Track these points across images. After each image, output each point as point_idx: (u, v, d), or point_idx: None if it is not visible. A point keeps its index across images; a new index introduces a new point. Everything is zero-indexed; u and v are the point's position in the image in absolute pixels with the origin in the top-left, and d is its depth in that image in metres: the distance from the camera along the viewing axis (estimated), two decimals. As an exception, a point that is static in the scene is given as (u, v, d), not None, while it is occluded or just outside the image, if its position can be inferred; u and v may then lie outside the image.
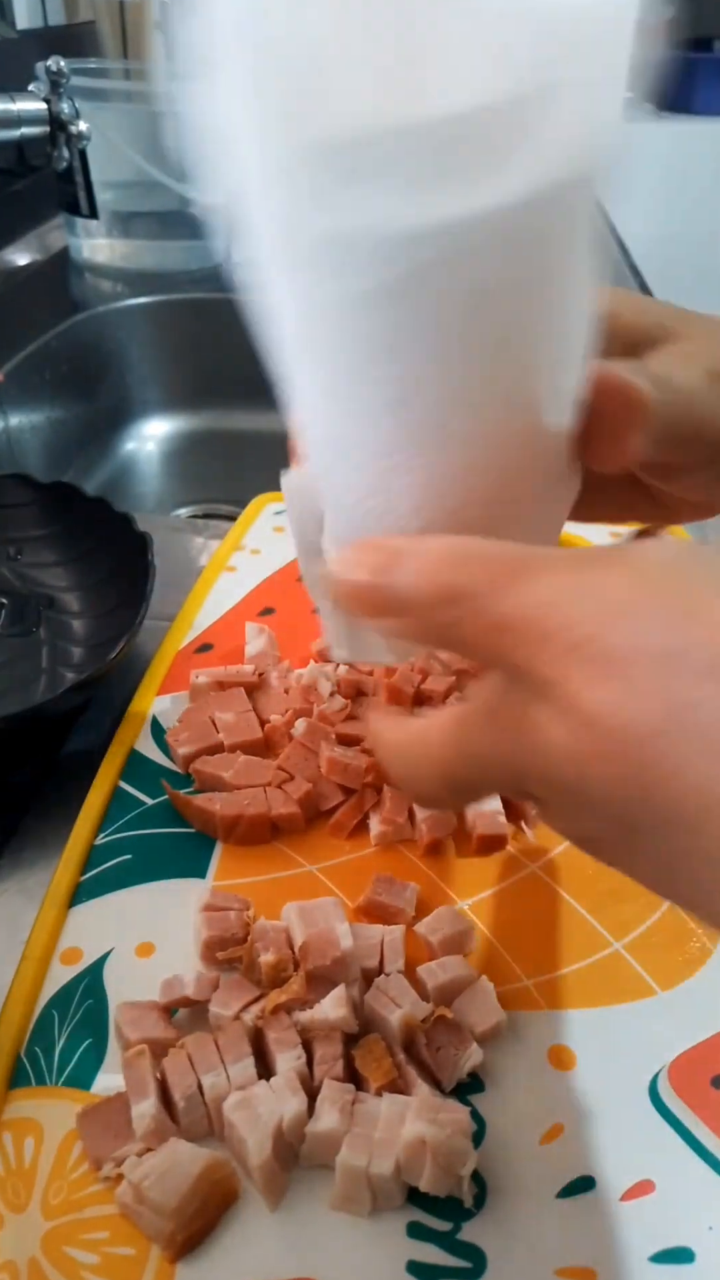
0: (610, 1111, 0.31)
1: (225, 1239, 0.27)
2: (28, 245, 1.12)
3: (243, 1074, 0.30)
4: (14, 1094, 0.30)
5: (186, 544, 0.61)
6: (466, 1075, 0.31)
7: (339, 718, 0.44)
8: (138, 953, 0.35)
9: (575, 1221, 0.28)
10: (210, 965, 0.34)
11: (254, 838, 0.39)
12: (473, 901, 0.37)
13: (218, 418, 1.05)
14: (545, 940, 0.36)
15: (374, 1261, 0.27)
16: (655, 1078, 0.32)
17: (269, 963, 0.32)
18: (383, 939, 0.34)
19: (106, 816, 0.40)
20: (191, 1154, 0.28)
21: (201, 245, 1.08)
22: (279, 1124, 0.28)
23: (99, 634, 0.51)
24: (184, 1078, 0.30)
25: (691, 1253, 0.28)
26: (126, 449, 1.01)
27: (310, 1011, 0.31)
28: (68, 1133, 0.29)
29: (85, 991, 0.33)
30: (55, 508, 0.56)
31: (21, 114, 0.78)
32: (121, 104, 1.00)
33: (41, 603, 0.54)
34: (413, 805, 0.40)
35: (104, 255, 1.06)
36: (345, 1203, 0.28)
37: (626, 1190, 0.29)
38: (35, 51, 1.14)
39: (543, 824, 0.41)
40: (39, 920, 0.35)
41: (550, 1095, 0.31)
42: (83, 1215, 0.28)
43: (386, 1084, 0.30)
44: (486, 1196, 0.29)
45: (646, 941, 0.36)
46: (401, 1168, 0.28)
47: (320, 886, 0.38)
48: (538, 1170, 0.29)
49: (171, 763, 0.43)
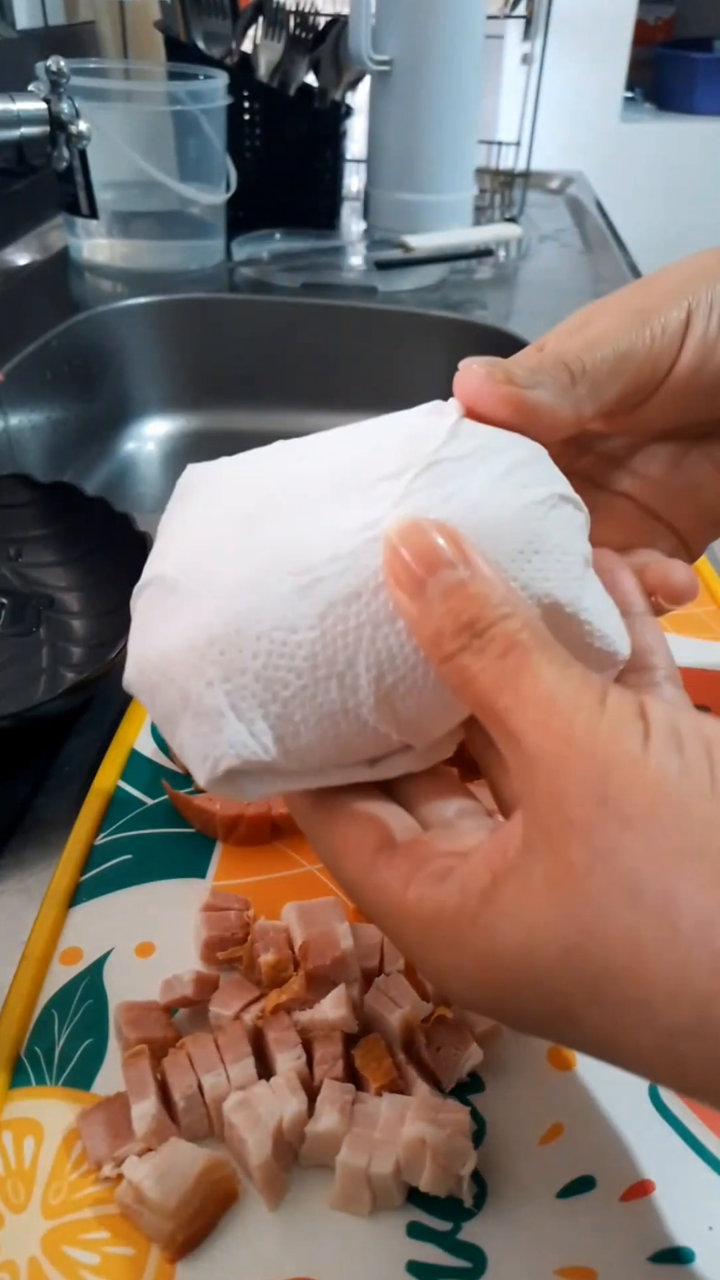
0: (610, 1111, 0.31)
1: (225, 1239, 0.27)
2: (27, 245, 1.12)
3: (243, 1074, 0.30)
4: (14, 1094, 0.30)
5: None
6: (466, 1075, 0.31)
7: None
8: (138, 953, 0.35)
9: (575, 1221, 0.28)
10: (210, 965, 0.34)
11: (254, 838, 0.39)
12: (473, 901, 0.37)
13: (218, 418, 1.05)
14: (545, 940, 0.36)
15: (374, 1261, 0.27)
16: (655, 1078, 0.32)
17: (269, 963, 0.32)
18: (383, 939, 0.34)
19: (106, 816, 0.40)
20: (191, 1154, 0.28)
21: (201, 245, 1.08)
22: (279, 1124, 0.28)
23: (99, 634, 0.51)
24: (184, 1078, 0.30)
25: (692, 1253, 0.28)
26: (126, 449, 1.01)
27: (310, 1011, 0.31)
28: (68, 1133, 0.29)
29: (85, 991, 0.33)
30: (55, 507, 0.56)
31: (21, 114, 0.78)
32: (121, 104, 1.01)
33: (41, 602, 0.54)
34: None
35: (104, 255, 1.06)
36: (345, 1203, 0.28)
37: (626, 1190, 0.29)
38: (35, 51, 1.14)
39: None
40: (39, 920, 0.35)
41: (550, 1095, 0.31)
42: (83, 1215, 0.28)
43: (386, 1084, 0.30)
44: (486, 1196, 0.29)
45: (646, 941, 0.36)
46: (401, 1168, 0.28)
47: (320, 886, 0.38)
48: (538, 1170, 0.29)
49: (171, 763, 0.43)
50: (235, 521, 0.24)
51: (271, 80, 1.11)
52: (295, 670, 0.22)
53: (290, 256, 1.09)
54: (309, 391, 1.04)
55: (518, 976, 0.20)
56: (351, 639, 0.22)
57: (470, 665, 0.20)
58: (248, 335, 1.03)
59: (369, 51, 1.03)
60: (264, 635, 0.22)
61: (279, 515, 0.23)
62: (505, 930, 0.20)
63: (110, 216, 1.03)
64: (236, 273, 1.07)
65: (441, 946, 0.21)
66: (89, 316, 0.96)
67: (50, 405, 0.89)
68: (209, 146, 1.03)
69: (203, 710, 0.23)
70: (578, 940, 0.18)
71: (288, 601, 0.22)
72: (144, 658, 0.24)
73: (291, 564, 0.22)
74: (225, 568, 0.23)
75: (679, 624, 0.54)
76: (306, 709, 0.23)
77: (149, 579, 0.25)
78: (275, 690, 0.23)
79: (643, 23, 2.44)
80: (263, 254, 1.09)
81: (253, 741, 0.23)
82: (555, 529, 0.24)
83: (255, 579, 0.23)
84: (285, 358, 1.03)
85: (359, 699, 0.22)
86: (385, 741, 0.23)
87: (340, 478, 0.24)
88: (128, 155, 0.97)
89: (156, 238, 1.06)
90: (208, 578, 0.23)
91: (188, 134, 1.02)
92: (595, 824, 0.18)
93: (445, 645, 0.21)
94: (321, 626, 0.22)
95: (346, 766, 0.24)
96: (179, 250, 1.06)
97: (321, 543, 0.23)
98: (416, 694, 0.23)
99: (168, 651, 0.24)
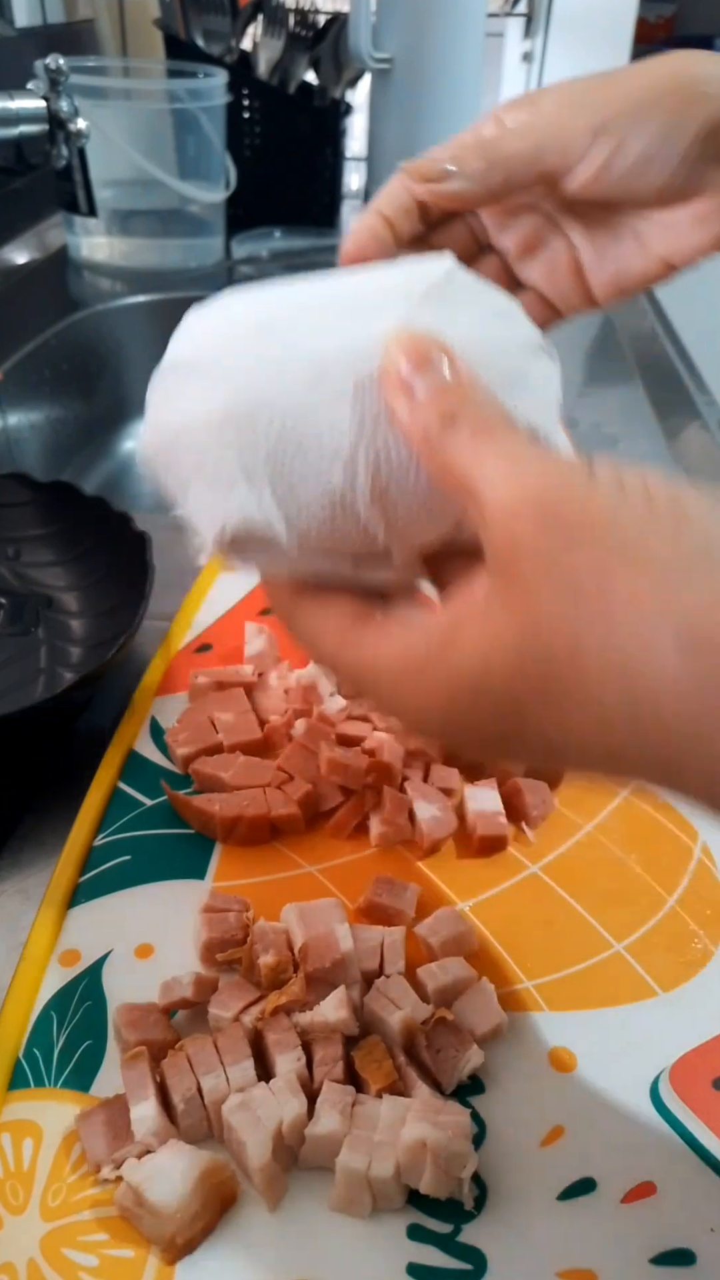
0: (611, 1113, 0.31)
1: (224, 1241, 0.27)
2: (26, 243, 1.11)
3: (242, 1076, 0.30)
4: (13, 1095, 0.30)
5: (185, 544, 0.61)
6: (467, 1077, 0.31)
7: (339, 718, 0.43)
8: (137, 954, 0.35)
9: (576, 1223, 0.28)
10: (210, 967, 0.34)
11: (253, 839, 0.39)
12: (473, 903, 0.37)
13: (217, 416, 1.05)
14: (546, 942, 0.36)
15: (374, 1264, 0.27)
16: (656, 1079, 0.32)
17: (269, 964, 0.32)
18: (383, 940, 0.34)
19: (105, 817, 0.40)
20: (191, 1156, 0.28)
21: (201, 243, 1.08)
22: (279, 1126, 0.28)
23: (98, 634, 0.51)
24: (183, 1079, 0.29)
25: (692, 1254, 0.28)
26: (125, 448, 1.01)
27: (310, 1013, 0.31)
28: (67, 1134, 0.29)
29: (84, 993, 0.33)
30: (54, 507, 0.56)
31: (20, 112, 0.77)
32: (121, 102, 1.00)
33: (40, 602, 0.54)
34: (413, 806, 0.40)
35: (103, 253, 1.06)
36: (345, 1205, 0.28)
37: (627, 1192, 0.29)
38: (34, 49, 1.13)
39: (542, 826, 0.41)
40: (38, 921, 0.35)
41: (551, 1097, 0.31)
42: (82, 1217, 0.28)
43: (387, 1086, 0.30)
44: (487, 1199, 0.29)
45: (647, 943, 0.36)
46: (402, 1170, 0.28)
47: (320, 888, 0.38)
48: (538, 1172, 0.29)
49: (171, 763, 0.43)
50: (250, 326, 0.26)
51: (271, 78, 1.11)
52: (303, 453, 0.25)
53: (290, 254, 1.09)
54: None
55: (477, 698, 0.23)
56: (354, 432, 0.24)
57: (449, 447, 0.23)
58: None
59: (369, 49, 1.03)
60: (276, 419, 0.24)
61: (291, 323, 0.26)
62: (468, 656, 0.22)
63: (109, 215, 1.03)
64: (236, 271, 1.06)
65: (412, 689, 0.24)
66: (88, 315, 0.95)
67: (49, 404, 0.89)
68: (208, 144, 1.03)
69: (218, 475, 0.25)
70: (529, 645, 0.21)
71: (299, 392, 0.24)
72: (164, 425, 0.27)
73: (303, 360, 0.25)
74: (242, 360, 0.25)
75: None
76: (310, 493, 0.25)
77: (169, 363, 0.27)
78: (283, 469, 0.25)
79: (644, 20, 2.43)
80: (262, 252, 1.09)
81: (260, 511, 0.25)
82: (538, 373, 0.26)
83: (270, 370, 0.25)
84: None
85: (356, 492, 0.25)
86: (372, 542, 0.26)
87: (348, 299, 0.26)
88: (127, 153, 0.97)
89: (156, 236, 1.05)
90: (226, 368, 0.25)
91: (187, 132, 1.02)
92: (544, 545, 0.21)
93: (430, 438, 0.23)
94: (330, 417, 0.24)
95: (335, 556, 0.26)
96: (178, 248, 1.06)
97: (331, 344, 0.25)
98: (407, 498, 0.25)
99: (188, 422, 0.26)
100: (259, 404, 0.25)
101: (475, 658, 0.22)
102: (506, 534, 0.22)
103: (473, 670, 0.22)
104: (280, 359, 0.25)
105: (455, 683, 0.23)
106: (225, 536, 0.26)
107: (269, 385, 0.25)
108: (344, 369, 0.24)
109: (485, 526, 0.22)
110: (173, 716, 0.45)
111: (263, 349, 0.25)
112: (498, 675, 0.22)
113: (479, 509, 0.22)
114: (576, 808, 0.42)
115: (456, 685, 0.23)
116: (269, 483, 0.25)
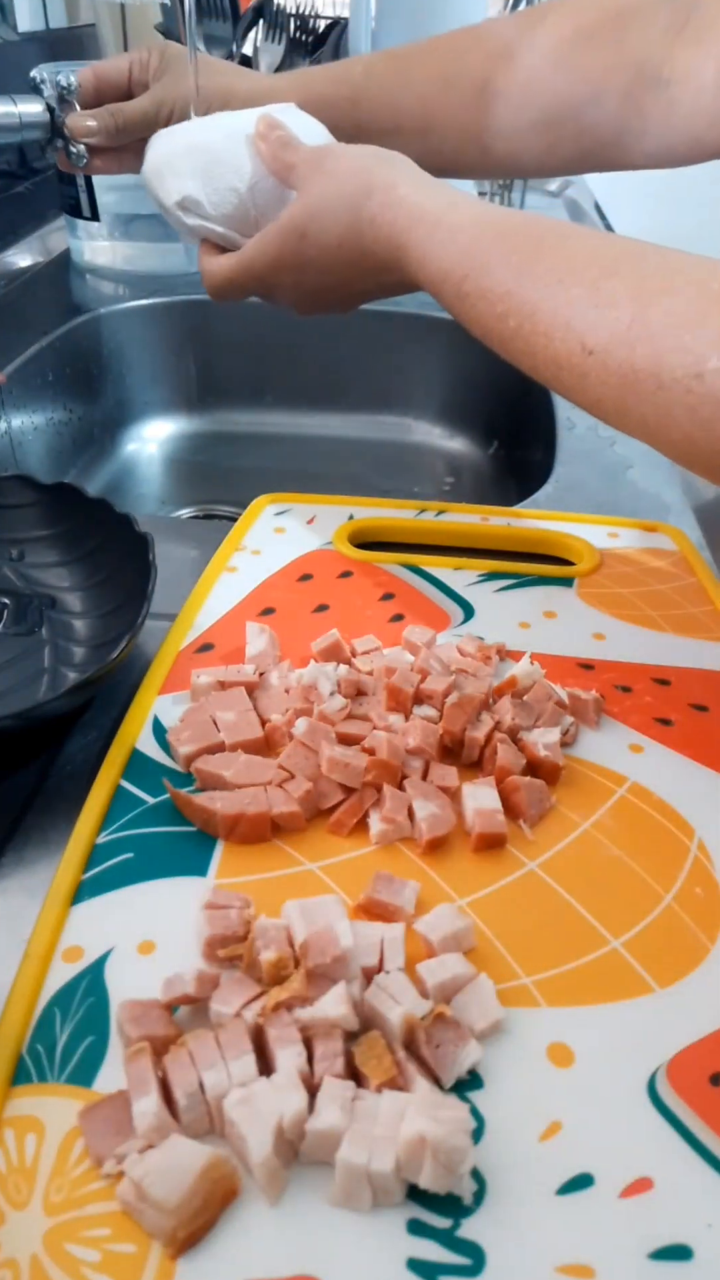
0: (609, 1109, 0.31)
1: (226, 1236, 0.28)
2: (29, 247, 1.12)
3: (243, 1071, 0.30)
4: (15, 1091, 0.31)
5: (187, 544, 0.61)
6: (466, 1072, 0.31)
7: (339, 717, 0.44)
8: (139, 951, 0.35)
9: (574, 1219, 0.28)
10: (211, 963, 0.34)
11: (255, 836, 0.39)
12: (472, 899, 0.38)
13: (218, 419, 1.05)
14: (544, 938, 0.36)
15: (374, 1258, 0.27)
16: (654, 1075, 0.32)
17: (270, 960, 0.33)
18: (383, 937, 0.34)
19: (108, 815, 0.40)
20: (192, 1151, 0.28)
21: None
22: (279, 1121, 0.28)
23: (101, 634, 0.51)
24: (185, 1075, 0.30)
25: (690, 1250, 0.28)
26: (128, 450, 1.01)
27: (311, 1009, 0.31)
28: (69, 1130, 0.30)
29: (87, 989, 0.34)
30: (57, 509, 0.56)
31: (23, 116, 0.78)
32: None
33: (44, 603, 0.54)
34: (412, 804, 0.40)
35: (105, 257, 1.06)
36: (345, 1199, 0.28)
37: (625, 1187, 0.29)
38: (36, 54, 1.14)
39: (542, 822, 0.41)
40: (41, 918, 0.36)
41: (549, 1092, 0.31)
42: (84, 1212, 0.28)
43: (386, 1081, 0.30)
44: (486, 1193, 0.29)
45: (645, 939, 0.36)
46: (401, 1164, 0.28)
47: (321, 885, 0.38)
48: (537, 1167, 0.29)
49: (173, 762, 0.43)
50: (195, 123, 0.59)
51: (272, 82, 1.12)
52: (220, 165, 0.56)
53: (291, 258, 1.09)
54: (310, 393, 1.04)
55: (341, 237, 0.51)
56: (248, 158, 0.56)
57: (283, 158, 0.54)
58: (249, 337, 1.03)
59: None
60: (209, 149, 0.56)
61: (217, 118, 0.59)
62: (323, 225, 0.51)
63: (112, 219, 1.03)
64: (237, 274, 1.07)
65: (291, 269, 0.53)
66: (90, 318, 0.96)
67: (52, 407, 0.89)
68: (210, 148, 1.03)
69: (179, 174, 0.57)
70: (353, 167, 0.51)
71: (220, 140, 0.56)
72: (154, 156, 0.59)
73: (222, 129, 0.57)
74: (192, 130, 0.58)
75: (679, 625, 0.54)
76: (224, 186, 0.56)
77: (157, 136, 0.60)
78: (211, 174, 0.56)
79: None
80: (264, 256, 1.09)
81: (198, 193, 0.56)
82: (321, 136, 0.59)
83: (207, 133, 0.57)
84: (286, 359, 1.03)
85: (244, 185, 0.56)
86: (249, 217, 0.57)
87: (243, 113, 0.58)
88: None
89: (158, 240, 1.06)
90: (186, 130, 0.58)
91: (189, 136, 1.02)
92: (326, 166, 0.52)
93: (276, 156, 0.54)
94: (234, 149, 0.56)
95: (232, 222, 0.58)
96: (180, 252, 1.06)
97: (236, 123, 0.57)
98: (265, 193, 0.56)
99: (165, 153, 0.58)
100: (202, 144, 0.56)
101: (329, 222, 0.51)
102: (308, 169, 0.52)
103: (336, 228, 0.50)
104: (211, 127, 0.57)
105: (323, 245, 0.51)
106: (177, 199, 0.57)
107: (206, 136, 0.57)
108: (241, 130, 0.56)
109: (299, 178, 0.52)
110: (175, 715, 0.45)
111: (203, 127, 0.58)
112: (348, 198, 0.50)
113: (297, 177, 0.53)
114: (574, 806, 0.42)
115: (323, 245, 0.51)
116: (204, 181, 0.56)
